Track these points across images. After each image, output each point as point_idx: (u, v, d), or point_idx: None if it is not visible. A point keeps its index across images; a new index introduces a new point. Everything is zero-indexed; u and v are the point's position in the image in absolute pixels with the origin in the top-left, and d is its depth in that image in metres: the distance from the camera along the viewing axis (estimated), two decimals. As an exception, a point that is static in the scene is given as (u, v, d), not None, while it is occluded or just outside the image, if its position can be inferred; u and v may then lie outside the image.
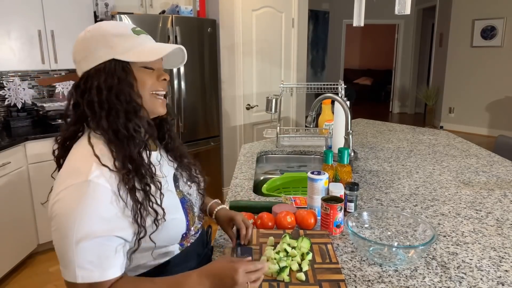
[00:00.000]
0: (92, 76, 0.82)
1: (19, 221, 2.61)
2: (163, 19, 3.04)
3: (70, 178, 0.77)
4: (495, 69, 6.34)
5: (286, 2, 3.81)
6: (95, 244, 0.75)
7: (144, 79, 0.86)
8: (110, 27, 0.85)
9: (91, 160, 0.78)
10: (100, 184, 0.76)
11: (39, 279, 2.56)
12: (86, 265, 0.75)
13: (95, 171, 0.77)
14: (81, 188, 0.75)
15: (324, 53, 8.30)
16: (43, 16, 2.83)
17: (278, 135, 2.23)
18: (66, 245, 0.75)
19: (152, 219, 0.82)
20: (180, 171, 1.01)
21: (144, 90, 0.86)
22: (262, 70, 3.77)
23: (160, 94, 0.90)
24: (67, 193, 0.76)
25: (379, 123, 2.92)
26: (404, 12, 1.78)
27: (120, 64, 0.83)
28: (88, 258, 0.75)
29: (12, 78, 3.00)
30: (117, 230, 0.78)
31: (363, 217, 1.17)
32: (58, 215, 0.76)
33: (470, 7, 6.50)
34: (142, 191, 0.81)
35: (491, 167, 1.83)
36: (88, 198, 0.75)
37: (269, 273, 0.93)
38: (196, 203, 1.01)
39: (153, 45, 0.88)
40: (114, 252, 0.78)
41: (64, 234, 0.75)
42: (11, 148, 2.51)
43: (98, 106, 0.81)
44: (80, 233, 0.74)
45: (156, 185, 0.84)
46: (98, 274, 0.76)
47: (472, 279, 0.96)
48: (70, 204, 0.75)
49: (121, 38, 0.84)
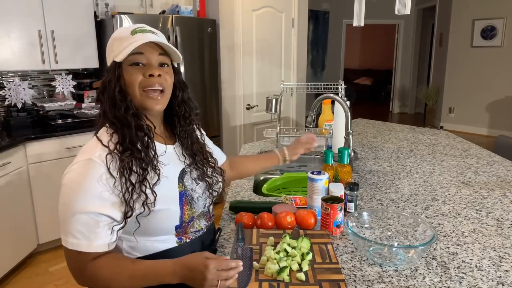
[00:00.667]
0: (104, 77, 0.94)
1: (19, 221, 2.61)
2: (163, 19, 3.04)
3: (80, 156, 0.89)
4: (495, 69, 6.34)
5: (286, 2, 3.81)
6: (86, 217, 0.84)
7: (131, 77, 0.91)
8: (117, 32, 0.96)
9: (98, 143, 0.89)
10: (97, 162, 0.85)
11: (39, 279, 2.57)
12: (76, 235, 0.84)
13: (98, 151, 0.87)
14: (83, 165, 0.86)
15: (324, 53, 8.30)
16: (43, 16, 2.83)
17: (278, 135, 2.23)
18: (65, 214, 0.85)
19: (141, 202, 0.87)
20: (191, 167, 1.03)
21: (133, 87, 0.92)
22: (262, 70, 3.77)
23: (151, 90, 0.92)
24: (74, 168, 0.87)
25: (379, 123, 2.92)
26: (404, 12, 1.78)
27: (114, 65, 0.92)
28: (79, 228, 0.84)
29: (12, 78, 3.00)
30: (106, 208, 0.85)
31: (363, 217, 1.17)
32: (63, 186, 0.87)
33: (470, 7, 6.50)
34: (137, 174, 0.87)
35: (491, 167, 1.83)
36: (86, 174, 0.85)
37: (269, 273, 0.93)
38: (198, 200, 1.01)
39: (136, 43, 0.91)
40: (102, 228, 0.85)
41: (65, 204, 0.86)
42: (11, 148, 2.51)
43: (101, 102, 0.93)
44: (76, 205, 0.84)
45: (155, 171, 0.90)
46: (85, 244, 0.84)
47: (472, 279, 0.96)
48: (73, 177, 0.86)
49: (119, 41, 0.93)
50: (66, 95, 3.20)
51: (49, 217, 2.80)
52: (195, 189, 1.01)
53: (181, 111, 1.02)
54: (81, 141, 2.86)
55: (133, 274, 0.85)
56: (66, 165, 0.91)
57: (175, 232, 0.96)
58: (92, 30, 3.09)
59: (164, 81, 0.94)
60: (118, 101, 0.90)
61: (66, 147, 2.80)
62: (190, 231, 0.99)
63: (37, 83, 3.19)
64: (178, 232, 0.96)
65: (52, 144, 2.75)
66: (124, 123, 0.89)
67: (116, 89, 0.90)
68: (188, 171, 1.01)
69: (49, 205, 2.79)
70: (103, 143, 0.88)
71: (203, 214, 1.04)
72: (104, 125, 0.93)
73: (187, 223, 0.98)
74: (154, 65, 0.93)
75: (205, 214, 1.05)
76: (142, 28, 0.95)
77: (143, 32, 0.93)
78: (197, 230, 1.01)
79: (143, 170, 0.88)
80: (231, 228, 1.25)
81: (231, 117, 3.64)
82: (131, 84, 0.91)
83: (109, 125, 0.92)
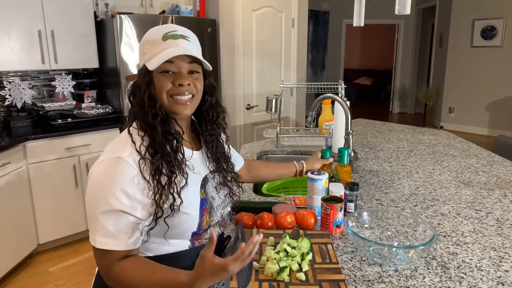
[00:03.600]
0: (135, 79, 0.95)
1: (19, 221, 2.61)
2: (163, 19, 3.04)
3: (107, 154, 0.88)
4: (495, 69, 6.34)
5: (286, 2, 3.81)
6: (115, 215, 0.83)
7: (161, 84, 0.92)
8: (149, 34, 0.95)
9: (127, 143, 0.89)
10: (128, 162, 0.85)
11: (39, 279, 2.57)
12: (104, 233, 0.84)
13: (127, 151, 0.87)
14: (112, 163, 0.86)
15: (324, 53, 8.30)
16: (43, 16, 2.83)
17: (278, 135, 2.23)
18: (92, 212, 0.85)
19: (169, 204, 0.88)
20: (214, 175, 1.03)
21: (161, 93, 0.92)
22: (262, 70, 3.77)
23: (179, 97, 0.93)
24: (101, 166, 0.87)
25: (379, 123, 2.92)
26: (404, 12, 1.78)
27: (144, 70, 0.92)
28: (107, 227, 0.84)
29: (12, 78, 3.00)
30: (135, 209, 0.85)
31: (363, 217, 1.17)
32: (92, 182, 0.86)
33: (470, 7, 6.50)
34: (166, 176, 0.88)
35: (491, 167, 1.83)
36: (116, 172, 0.84)
37: (269, 273, 0.93)
38: (217, 209, 1.01)
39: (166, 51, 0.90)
40: (130, 227, 0.85)
41: (92, 202, 0.85)
42: (11, 148, 2.51)
43: (132, 105, 0.94)
44: (104, 203, 0.83)
45: (183, 175, 0.91)
46: (113, 243, 0.84)
47: (472, 279, 0.96)
48: (100, 175, 0.86)
49: (151, 45, 0.92)
50: (66, 95, 3.21)
51: (49, 217, 2.80)
52: (215, 197, 1.01)
53: (209, 115, 1.02)
54: (81, 141, 2.86)
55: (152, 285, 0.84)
56: (66, 165, 0.91)
57: (190, 238, 0.96)
58: (92, 30, 3.09)
59: (193, 88, 0.94)
60: (146, 107, 0.90)
61: (66, 147, 2.80)
62: (204, 237, 0.99)
63: (37, 83, 3.19)
64: (193, 238, 0.96)
65: (52, 144, 2.75)
66: (152, 128, 0.90)
67: (146, 94, 0.91)
68: (210, 178, 1.01)
69: (49, 205, 2.79)
70: (136, 147, 0.88)
71: (219, 222, 1.05)
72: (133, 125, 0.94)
73: (204, 231, 0.98)
74: (184, 73, 0.92)
75: (220, 222, 1.06)
76: (174, 32, 0.93)
77: (174, 38, 0.92)
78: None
79: (171, 173, 0.88)
80: (231, 228, 1.25)
81: (231, 117, 3.64)
82: (160, 91, 0.92)
83: (139, 127, 0.92)
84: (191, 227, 0.93)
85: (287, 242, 1.04)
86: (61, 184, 2.81)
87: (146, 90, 0.91)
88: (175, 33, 0.93)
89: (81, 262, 2.74)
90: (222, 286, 0.94)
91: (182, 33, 0.94)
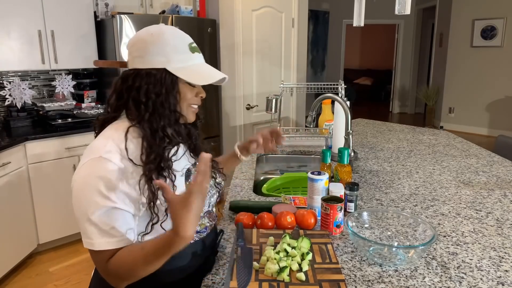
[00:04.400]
0: (142, 77, 0.89)
1: (19, 221, 2.61)
2: (163, 19, 3.04)
3: (89, 155, 0.86)
4: (495, 69, 6.34)
5: (286, 2, 3.81)
6: (108, 214, 0.83)
7: (185, 93, 0.94)
8: (171, 38, 0.92)
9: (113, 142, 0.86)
10: (110, 160, 0.83)
11: (39, 279, 2.57)
12: (100, 234, 0.83)
13: (109, 149, 0.85)
14: (94, 163, 0.84)
15: (324, 53, 8.30)
16: (43, 16, 2.83)
17: (278, 135, 2.23)
18: (83, 216, 0.83)
19: (164, 209, 0.88)
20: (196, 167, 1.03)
21: (183, 102, 0.94)
22: (262, 70, 3.77)
23: (195, 106, 0.99)
24: (83, 169, 0.85)
25: (379, 123, 2.92)
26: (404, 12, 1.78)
27: (170, 77, 0.90)
28: (102, 227, 0.83)
29: (12, 78, 3.00)
30: (125, 204, 0.85)
31: (363, 217, 1.17)
32: (76, 189, 0.85)
33: (470, 7, 6.50)
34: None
35: (491, 167, 1.83)
36: (99, 171, 0.83)
37: (269, 273, 0.93)
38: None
39: (203, 68, 0.95)
40: (125, 222, 0.85)
41: (80, 206, 0.84)
42: (11, 148, 2.52)
43: (144, 107, 0.89)
44: (94, 204, 0.82)
45: (171, 177, 0.91)
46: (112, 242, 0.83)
47: (472, 279, 0.96)
48: (84, 178, 0.84)
49: (178, 53, 0.91)
50: (66, 95, 3.21)
51: (49, 217, 2.80)
52: None
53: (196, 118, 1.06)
54: (81, 141, 2.86)
55: (146, 259, 0.82)
56: (66, 165, 0.91)
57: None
58: (92, 30, 3.09)
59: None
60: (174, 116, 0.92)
61: (66, 147, 2.80)
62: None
63: (37, 83, 3.19)
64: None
65: (52, 144, 2.75)
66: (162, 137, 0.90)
67: (173, 102, 0.91)
68: (193, 171, 1.03)
69: (49, 205, 2.79)
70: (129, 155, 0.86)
71: (207, 213, 1.05)
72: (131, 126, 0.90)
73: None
74: (201, 87, 0.98)
75: (208, 213, 1.06)
76: (195, 45, 0.97)
77: (199, 52, 0.97)
78: (201, 229, 1.01)
79: (164, 178, 0.90)
80: (231, 228, 1.25)
81: (231, 117, 3.64)
82: (183, 100, 0.94)
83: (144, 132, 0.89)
84: None
85: (287, 242, 1.04)
86: (61, 184, 2.81)
87: (174, 99, 0.91)
88: (197, 46, 0.98)
89: (81, 262, 2.75)
90: (222, 286, 0.94)
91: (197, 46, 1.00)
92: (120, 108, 0.93)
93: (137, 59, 0.91)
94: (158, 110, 0.89)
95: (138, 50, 0.91)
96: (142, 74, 0.89)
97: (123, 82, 0.91)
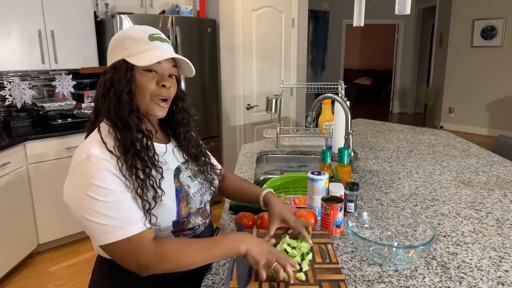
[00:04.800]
0: (107, 72, 0.93)
1: (19, 221, 2.61)
2: (163, 19, 3.04)
3: (77, 158, 0.88)
4: (495, 69, 6.34)
5: (286, 2, 3.81)
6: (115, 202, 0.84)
7: (143, 82, 0.92)
8: (132, 32, 0.95)
9: (94, 141, 0.89)
10: (99, 156, 0.86)
11: (39, 279, 2.57)
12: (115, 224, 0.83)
13: (96, 149, 0.87)
14: (84, 164, 0.85)
15: (324, 53, 8.30)
16: (43, 16, 2.83)
17: (278, 135, 2.23)
18: (90, 212, 0.83)
19: (151, 196, 0.90)
20: (187, 165, 1.05)
21: (143, 92, 0.93)
22: (262, 70, 3.77)
23: (159, 99, 0.95)
24: (74, 172, 0.87)
25: (379, 123, 2.92)
26: (404, 12, 1.78)
27: (126, 65, 0.91)
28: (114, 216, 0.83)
29: (12, 78, 3.00)
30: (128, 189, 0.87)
31: (363, 217, 1.17)
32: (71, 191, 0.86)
33: (470, 7, 6.50)
34: (142, 171, 0.89)
35: (491, 167, 1.83)
36: (92, 167, 0.84)
37: (269, 273, 0.93)
38: (194, 196, 1.02)
39: (156, 52, 0.93)
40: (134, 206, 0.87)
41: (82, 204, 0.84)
42: (11, 148, 2.52)
43: (102, 98, 0.93)
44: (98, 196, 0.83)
45: (157, 169, 0.92)
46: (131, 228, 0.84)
47: (472, 279, 0.96)
48: (78, 178, 0.85)
49: (136, 42, 0.93)
50: (66, 95, 3.21)
51: (49, 217, 2.80)
52: (191, 185, 1.02)
53: (181, 118, 1.06)
54: (81, 141, 2.83)
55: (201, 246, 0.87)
56: (66, 165, 0.92)
57: (173, 229, 0.96)
58: (92, 30, 3.09)
59: (171, 92, 0.97)
60: (124, 102, 0.90)
61: (66, 147, 2.80)
62: (187, 228, 0.99)
63: (37, 83, 3.19)
64: (176, 228, 0.97)
65: (52, 144, 2.75)
66: (126, 125, 0.90)
67: (125, 89, 0.90)
68: (183, 168, 1.03)
69: (49, 205, 2.79)
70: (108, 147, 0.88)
71: (200, 210, 1.05)
72: (103, 124, 0.93)
73: (184, 219, 0.99)
74: (166, 75, 0.95)
75: (202, 211, 1.06)
76: (160, 35, 0.97)
77: (161, 41, 0.96)
78: (194, 226, 1.02)
79: (147, 167, 0.90)
80: (231, 228, 1.25)
81: (231, 117, 3.64)
82: (143, 90, 0.92)
83: (111, 124, 0.91)
84: (170, 216, 0.95)
85: (287, 242, 1.04)
86: (61, 184, 2.78)
87: (127, 86, 0.90)
88: (161, 36, 0.97)
89: (81, 262, 2.74)
90: (222, 286, 0.94)
91: (166, 38, 0.99)
92: (97, 106, 0.96)
93: (108, 58, 0.96)
94: (112, 98, 0.91)
95: (109, 49, 0.96)
96: (107, 70, 0.94)
97: (98, 82, 0.95)
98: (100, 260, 1.01)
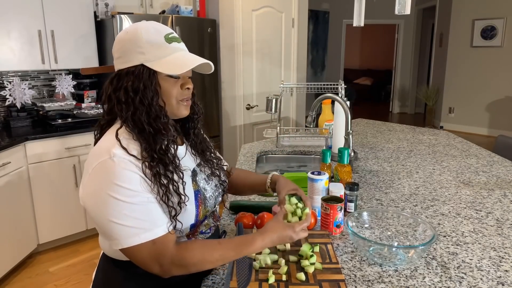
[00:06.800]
0: (123, 77, 0.90)
1: (19, 221, 2.61)
2: (163, 19, 3.04)
3: (96, 159, 0.84)
4: (495, 69, 6.34)
5: (286, 2, 3.81)
6: (141, 203, 0.82)
7: (168, 87, 0.91)
8: (145, 32, 0.90)
9: (115, 143, 0.85)
10: (126, 158, 0.83)
11: (39, 279, 2.57)
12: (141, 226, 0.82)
13: (119, 149, 0.84)
14: (107, 164, 0.82)
15: (324, 53, 8.30)
16: (43, 16, 2.83)
17: (278, 135, 2.23)
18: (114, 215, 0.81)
19: (176, 201, 0.88)
20: (201, 166, 1.04)
21: (169, 97, 0.92)
22: (262, 70, 3.77)
23: (185, 100, 0.96)
24: (93, 173, 0.83)
25: (379, 123, 2.92)
26: (404, 12, 1.78)
27: (148, 71, 0.88)
28: (140, 218, 0.82)
29: (12, 78, 3.00)
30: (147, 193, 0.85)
31: (363, 217, 1.17)
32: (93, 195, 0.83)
33: (470, 7, 6.50)
34: (165, 177, 0.87)
35: (491, 167, 1.83)
36: (114, 167, 0.82)
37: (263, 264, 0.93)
38: (210, 199, 1.02)
39: (180, 57, 0.91)
40: (158, 208, 0.85)
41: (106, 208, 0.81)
42: (11, 148, 2.51)
43: (125, 106, 0.89)
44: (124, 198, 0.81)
45: (179, 174, 0.91)
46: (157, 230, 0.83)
47: (472, 279, 0.96)
48: (101, 180, 0.82)
49: (153, 45, 0.89)
50: (66, 95, 3.21)
51: (49, 217, 2.80)
52: (207, 188, 1.02)
53: (192, 113, 1.05)
54: (81, 141, 2.86)
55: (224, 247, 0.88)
56: (66, 165, 0.90)
57: (189, 231, 0.96)
58: (92, 30, 3.09)
59: (192, 92, 0.98)
60: (154, 111, 0.88)
61: (66, 147, 2.80)
62: (199, 231, 0.99)
63: (37, 83, 3.19)
64: (191, 231, 0.97)
65: (52, 144, 2.75)
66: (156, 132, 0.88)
67: (154, 98, 0.88)
68: (198, 170, 1.02)
69: (49, 205, 2.79)
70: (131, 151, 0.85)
71: (212, 213, 1.06)
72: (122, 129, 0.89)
73: (201, 222, 0.99)
74: (187, 78, 0.95)
75: (213, 213, 1.06)
76: (173, 35, 0.94)
77: (178, 42, 0.93)
78: (205, 230, 1.02)
79: (171, 173, 0.89)
80: (231, 228, 1.25)
81: (231, 117, 3.64)
82: (169, 96, 0.91)
83: (137, 130, 0.88)
84: (190, 219, 0.94)
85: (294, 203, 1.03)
86: (61, 184, 2.81)
87: (156, 94, 0.89)
88: (175, 36, 0.94)
89: (81, 262, 2.75)
90: (222, 286, 0.94)
91: (178, 36, 0.96)
92: (112, 111, 0.92)
93: (118, 60, 0.91)
94: (138, 107, 0.88)
95: (118, 51, 0.92)
96: (123, 74, 0.90)
97: (110, 85, 0.91)
98: (105, 260, 1.00)
